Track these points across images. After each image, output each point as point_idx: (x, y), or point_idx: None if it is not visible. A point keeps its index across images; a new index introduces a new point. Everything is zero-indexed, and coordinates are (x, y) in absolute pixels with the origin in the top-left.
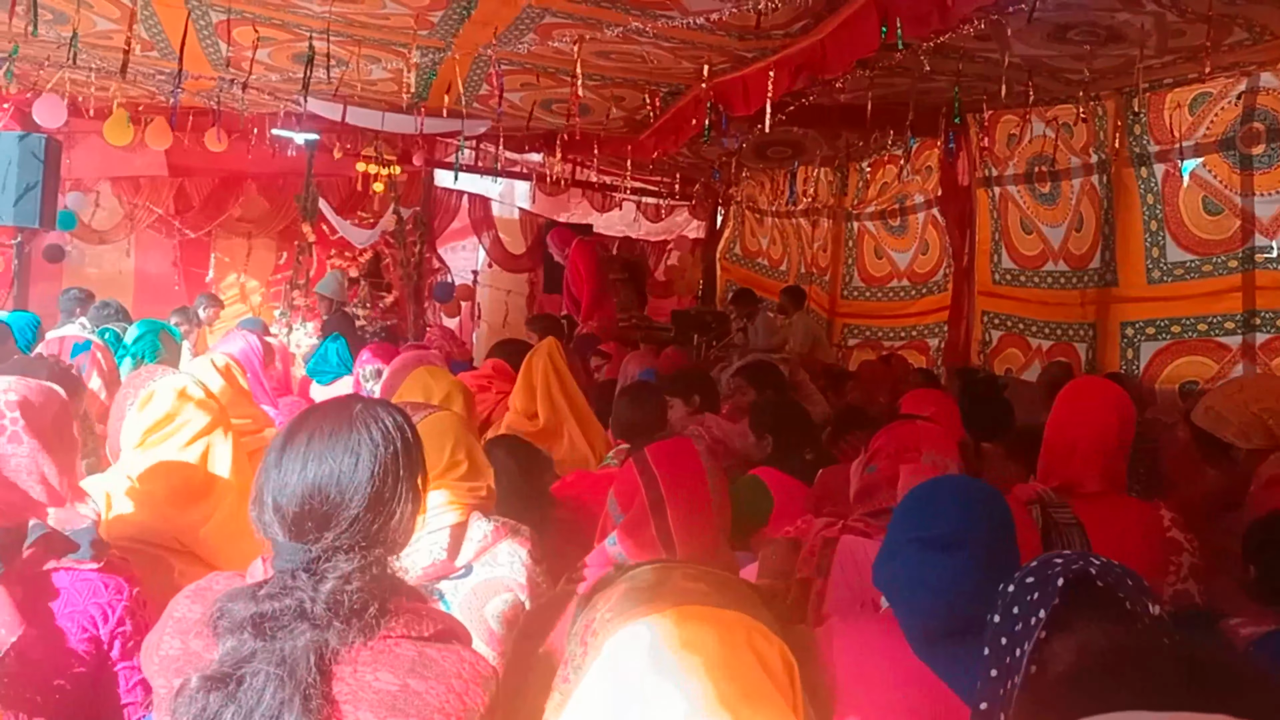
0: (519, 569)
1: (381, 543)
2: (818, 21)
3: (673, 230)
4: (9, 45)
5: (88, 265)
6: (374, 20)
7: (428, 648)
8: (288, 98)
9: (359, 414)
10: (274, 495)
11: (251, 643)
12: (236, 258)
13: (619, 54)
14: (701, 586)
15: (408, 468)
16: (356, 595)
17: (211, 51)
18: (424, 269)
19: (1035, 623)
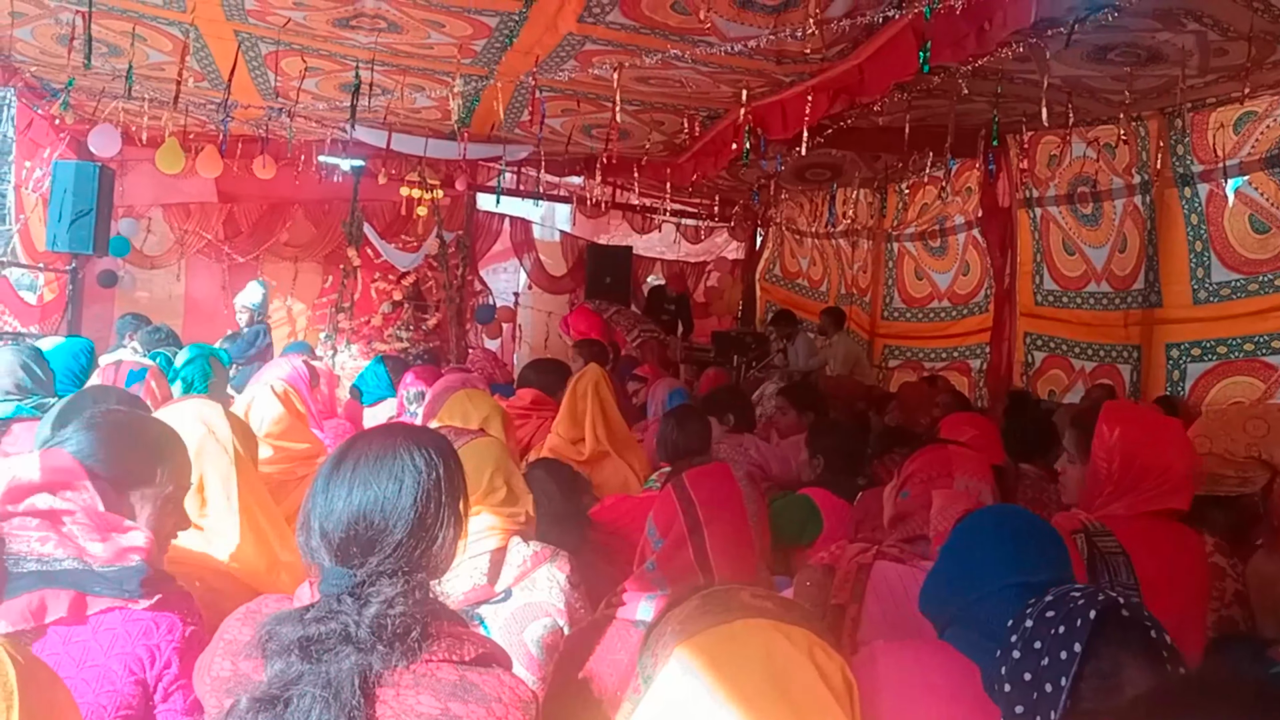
0: (557, 594)
1: (424, 567)
2: (855, 46)
3: (712, 251)
4: (65, 78)
5: (139, 290)
6: (418, 50)
7: (469, 671)
8: (334, 125)
9: (402, 441)
10: (320, 521)
11: (299, 665)
12: (283, 282)
13: (658, 79)
14: (768, 604)
15: (450, 494)
16: (399, 619)
17: (260, 82)
18: (466, 291)
19: (1068, 657)
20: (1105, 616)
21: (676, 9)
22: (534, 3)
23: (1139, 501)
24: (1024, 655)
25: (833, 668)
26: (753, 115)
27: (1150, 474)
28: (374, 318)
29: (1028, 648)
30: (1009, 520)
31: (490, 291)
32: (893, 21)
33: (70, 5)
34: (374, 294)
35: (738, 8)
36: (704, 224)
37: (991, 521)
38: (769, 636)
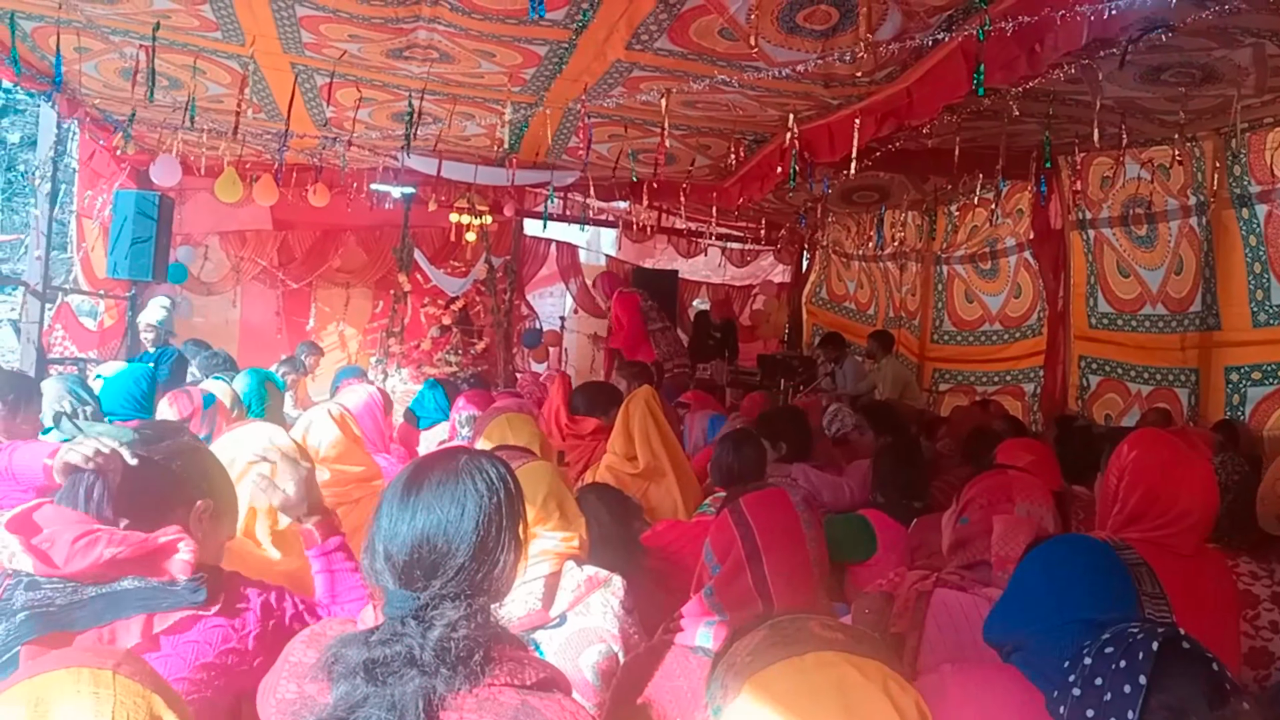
0: (612, 619)
1: (486, 591)
2: (904, 69)
3: (758, 275)
4: (127, 110)
5: (195, 316)
6: (469, 79)
7: (530, 696)
8: (386, 153)
9: (464, 465)
10: (384, 543)
11: (364, 688)
12: (335, 307)
13: (705, 104)
14: (839, 635)
15: (510, 517)
16: (463, 643)
17: (315, 112)
18: (513, 316)
19: (1132, 691)
20: (1167, 649)
21: (724, 34)
22: (583, 31)
23: (1144, 533)
24: (1085, 692)
25: (907, 701)
26: (800, 139)
27: (1157, 505)
28: (423, 342)
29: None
30: (1076, 554)
31: (537, 315)
32: (942, 44)
33: (134, 40)
34: (423, 319)
35: (785, 33)
36: (750, 247)
37: (1058, 555)
38: (841, 670)
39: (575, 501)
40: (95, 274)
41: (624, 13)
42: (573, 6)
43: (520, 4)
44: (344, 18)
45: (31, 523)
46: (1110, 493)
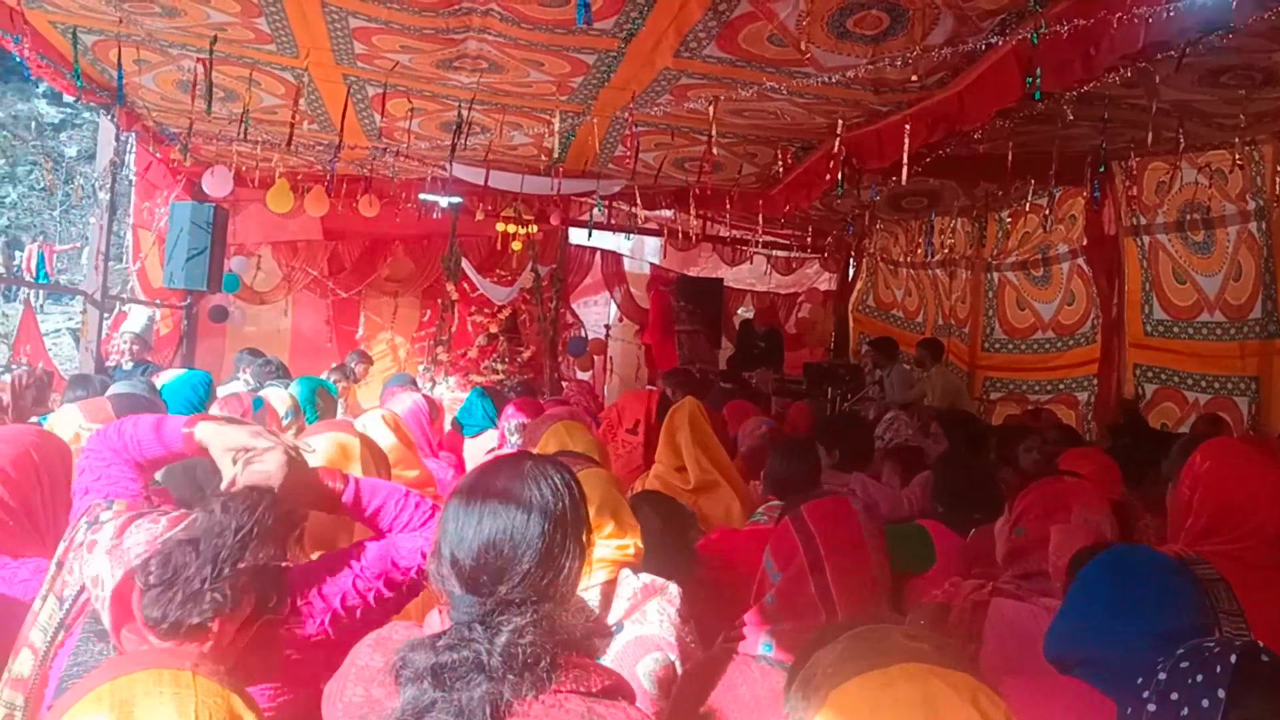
0: (669, 627)
1: (551, 597)
2: (955, 74)
3: (803, 283)
4: (183, 122)
5: (248, 325)
6: (517, 89)
7: (596, 703)
8: (434, 164)
9: (529, 471)
10: (451, 549)
11: (431, 692)
12: (384, 316)
13: (752, 111)
14: (924, 646)
15: (574, 524)
16: (529, 649)
17: (366, 122)
18: (559, 324)
19: (1211, 705)
20: (1245, 663)
21: (773, 41)
22: (631, 39)
23: (1219, 547)
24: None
25: (998, 716)
26: (848, 145)
27: (1233, 518)
28: (470, 350)
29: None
30: (1139, 565)
31: (582, 324)
32: (995, 48)
33: (191, 53)
34: (470, 327)
35: (835, 38)
36: (795, 255)
37: (1121, 566)
38: (929, 683)
39: (630, 509)
40: (151, 284)
41: (673, 20)
42: (622, 15)
43: (569, 14)
44: (396, 29)
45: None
46: (1183, 504)
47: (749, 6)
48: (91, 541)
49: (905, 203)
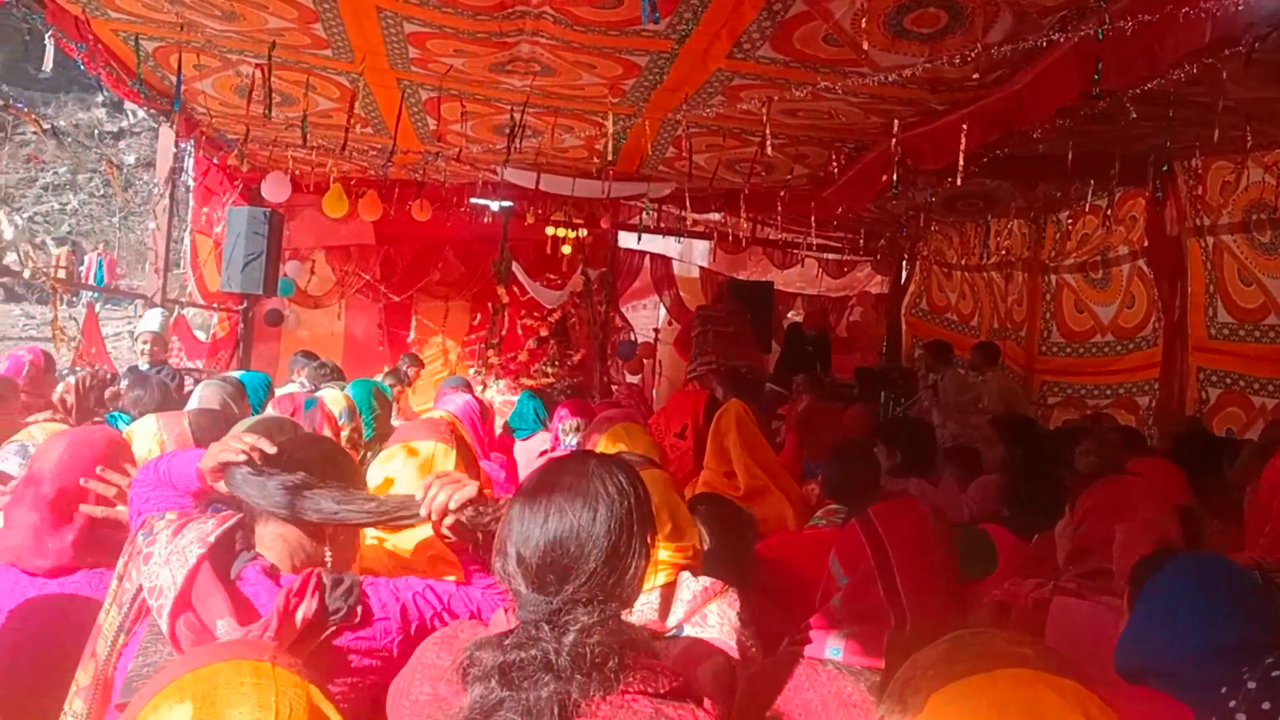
0: (729, 631)
1: (617, 597)
2: (1014, 72)
3: (854, 286)
4: (240, 128)
5: (301, 328)
6: (569, 91)
7: (664, 705)
8: (485, 168)
9: (595, 470)
10: (517, 547)
11: (499, 691)
12: (435, 319)
13: (805, 111)
14: (1028, 652)
15: (640, 523)
16: (597, 649)
17: (420, 126)
18: (609, 328)
19: None
20: None
21: (828, 41)
22: (685, 41)
23: None
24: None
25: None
26: (903, 145)
27: None
28: (520, 354)
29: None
30: (1217, 573)
31: (631, 328)
32: (1055, 45)
33: (250, 59)
34: (520, 330)
35: (892, 37)
36: (848, 258)
37: (1198, 574)
38: (1036, 690)
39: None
40: (207, 288)
41: (726, 21)
42: (675, 16)
43: (622, 16)
44: (450, 33)
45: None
46: (1261, 510)
47: (804, 6)
48: (148, 554)
49: (961, 204)
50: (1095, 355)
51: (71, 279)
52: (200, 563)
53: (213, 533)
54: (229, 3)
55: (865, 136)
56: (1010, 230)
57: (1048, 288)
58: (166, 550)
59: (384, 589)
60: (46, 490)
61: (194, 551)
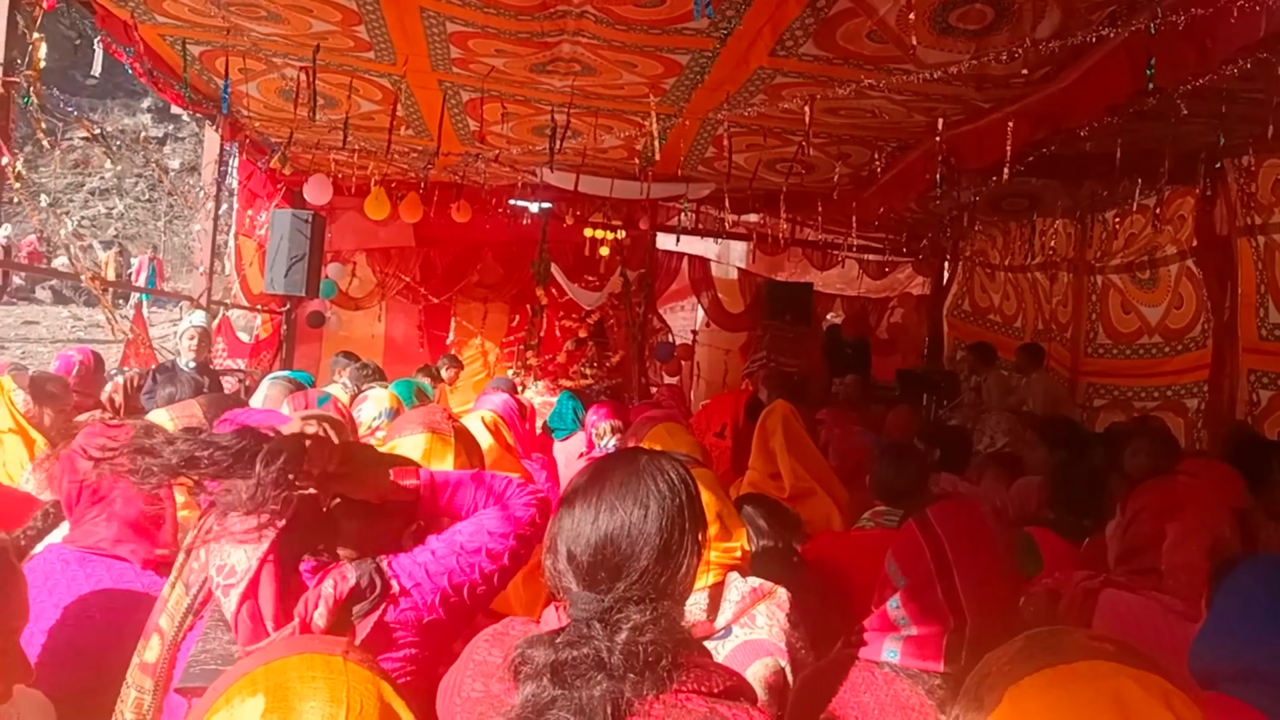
0: (778, 632)
1: (670, 595)
2: (1061, 68)
3: (895, 287)
4: (284, 131)
5: (342, 330)
6: (609, 91)
7: (718, 704)
8: (525, 169)
9: (646, 466)
10: (568, 545)
11: (551, 690)
12: (474, 321)
13: (848, 110)
14: (1109, 646)
15: (692, 520)
16: (650, 647)
17: (460, 128)
18: (647, 329)
19: None
20: None
21: (872, 38)
22: (727, 39)
23: None
24: None
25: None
26: (947, 144)
27: None
28: (559, 355)
29: None
30: None
31: (669, 329)
32: (1105, 40)
33: (294, 62)
34: (558, 332)
35: (937, 34)
36: (889, 259)
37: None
38: (1118, 682)
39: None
40: (251, 290)
41: (769, 18)
42: (718, 14)
43: (664, 14)
44: (491, 33)
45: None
46: None
47: (848, 3)
48: (219, 532)
49: (1005, 204)
50: (1142, 357)
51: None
52: (272, 549)
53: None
54: (274, 6)
55: (908, 135)
56: (1055, 230)
57: (1093, 288)
58: (241, 529)
59: (403, 561)
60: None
61: (269, 535)
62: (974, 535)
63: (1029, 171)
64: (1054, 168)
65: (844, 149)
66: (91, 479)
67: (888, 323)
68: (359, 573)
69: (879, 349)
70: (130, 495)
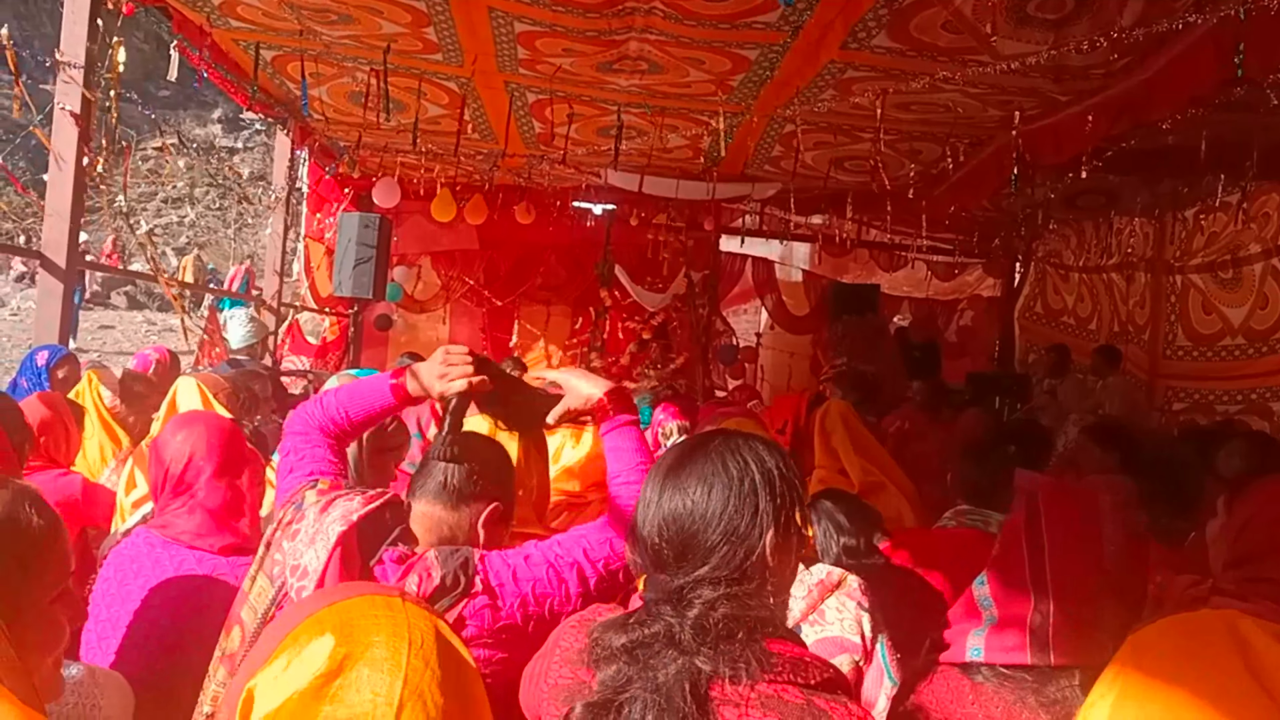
0: (851, 625)
1: (750, 577)
2: (1143, 58)
3: (964, 289)
4: (352, 135)
5: (407, 333)
6: (675, 89)
7: (816, 696)
8: (589, 170)
9: (716, 447)
10: (640, 528)
11: (627, 670)
12: (537, 324)
13: (920, 105)
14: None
15: (770, 499)
16: (722, 621)
17: (526, 130)
18: (710, 331)
19: None
20: None
21: (948, 28)
22: (797, 32)
23: None
24: None
25: None
26: (1023, 139)
27: None
28: (622, 357)
29: None
30: None
31: (733, 331)
32: (1190, 28)
33: (364, 65)
34: (621, 334)
35: (1015, 24)
36: (959, 260)
37: None
38: (1235, 619)
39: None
40: (319, 292)
41: (841, 10)
42: (788, 7)
43: (732, 8)
44: (559, 32)
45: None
46: None
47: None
48: (296, 529)
49: (1081, 201)
50: (1225, 359)
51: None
52: (340, 542)
53: (357, 511)
54: (345, 8)
55: (982, 130)
56: (1133, 228)
57: (1172, 289)
58: (313, 529)
59: (496, 559)
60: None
61: (335, 530)
62: (1077, 510)
63: (1107, 167)
64: (1133, 163)
65: (915, 145)
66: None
67: (957, 325)
68: (444, 569)
69: (948, 352)
70: (214, 486)
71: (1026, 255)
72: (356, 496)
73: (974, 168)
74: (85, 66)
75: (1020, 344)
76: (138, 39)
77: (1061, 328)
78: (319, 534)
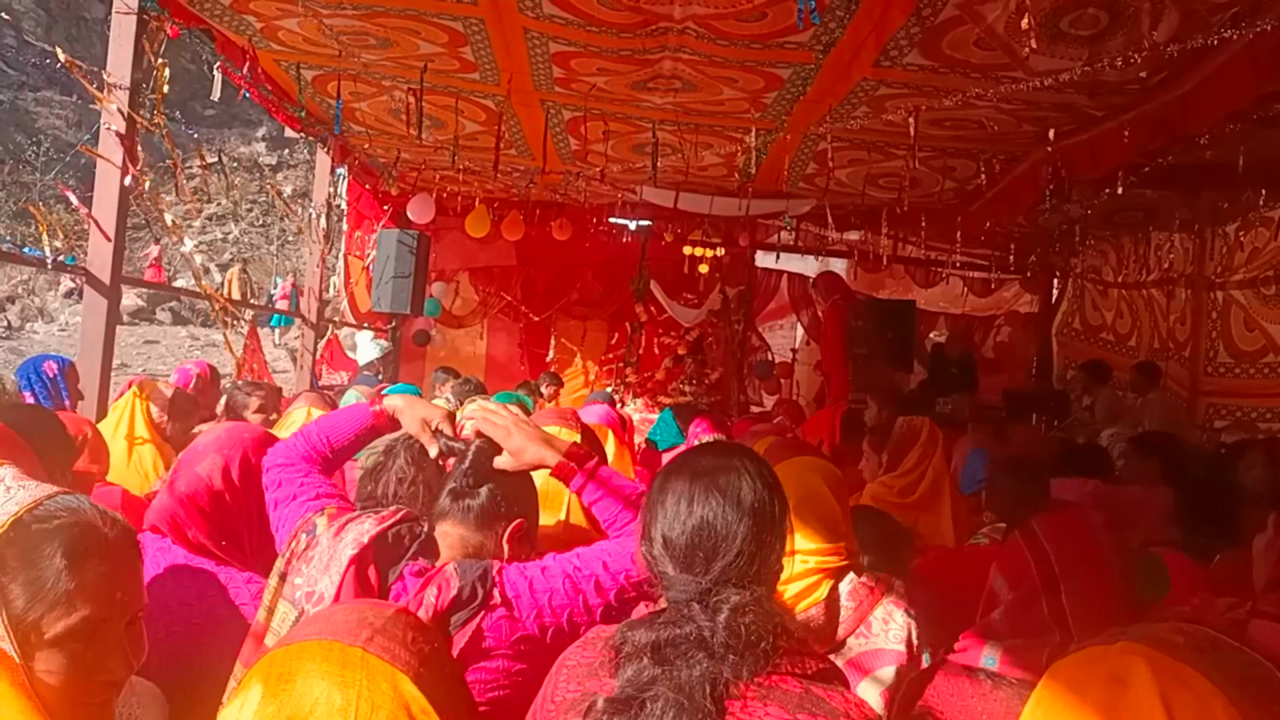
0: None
1: (762, 580)
2: (1180, 74)
3: (1000, 305)
4: (391, 152)
5: (445, 348)
6: (709, 107)
7: (813, 685)
8: (625, 187)
9: (737, 457)
10: (663, 530)
11: (651, 669)
12: (573, 339)
13: (954, 121)
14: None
15: (780, 507)
16: (753, 627)
17: (562, 147)
18: (746, 347)
19: None
20: None
21: (981, 45)
22: (829, 50)
23: None
24: None
25: None
26: (1058, 154)
27: None
28: (658, 372)
29: None
30: None
31: (768, 347)
32: (1226, 43)
33: (402, 84)
34: (656, 349)
35: (1048, 40)
36: (996, 275)
37: None
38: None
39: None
40: (359, 308)
41: (873, 28)
42: (820, 26)
43: (766, 28)
44: (594, 52)
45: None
46: None
47: (955, 10)
48: (310, 556)
49: (1119, 217)
50: (1268, 376)
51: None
52: (350, 566)
53: (368, 534)
54: (383, 31)
55: (1017, 146)
56: (1172, 244)
57: (1213, 305)
58: (328, 555)
59: (513, 571)
60: None
61: (347, 555)
62: (1082, 548)
63: (1144, 183)
64: (1171, 178)
65: (949, 162)
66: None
67: (994, 341)
68: (462, 581)
69: (984, 368)
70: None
71: (1064, 271)
72: (368, 519)
73: (1009, 184)
74: (130, 88)
75: (1058, 360)
76: (184, 59)
77: (1100, 344)
78: (333, 560)
